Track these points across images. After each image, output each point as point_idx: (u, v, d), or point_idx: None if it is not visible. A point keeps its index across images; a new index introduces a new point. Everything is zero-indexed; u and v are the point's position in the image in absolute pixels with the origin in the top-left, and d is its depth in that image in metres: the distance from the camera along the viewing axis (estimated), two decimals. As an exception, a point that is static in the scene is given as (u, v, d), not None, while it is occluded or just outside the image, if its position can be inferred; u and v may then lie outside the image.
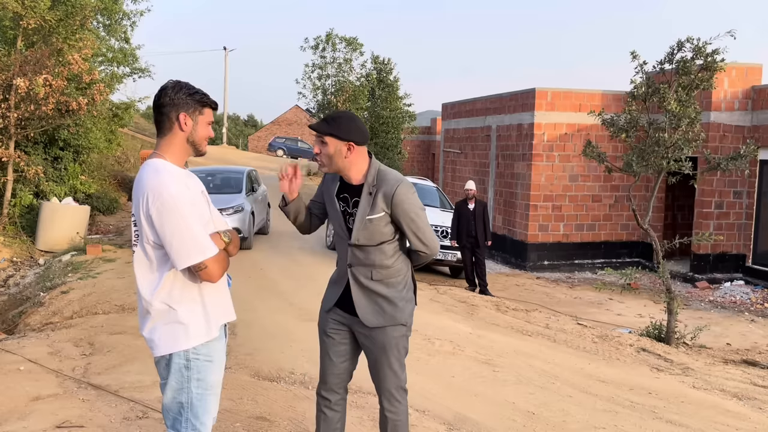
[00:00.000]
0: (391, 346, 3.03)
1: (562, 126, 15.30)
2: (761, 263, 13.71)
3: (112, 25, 17.73)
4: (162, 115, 2.49)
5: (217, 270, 2.45)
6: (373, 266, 3.00)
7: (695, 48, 8.51)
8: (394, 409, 3.11)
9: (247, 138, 52.50)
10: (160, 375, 2.56)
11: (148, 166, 2.46)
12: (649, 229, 8.67)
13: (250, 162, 28.30)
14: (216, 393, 2.58)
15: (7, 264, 11.71)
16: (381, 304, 3.00)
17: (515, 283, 13.59)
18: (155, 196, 2.36)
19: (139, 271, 2.47)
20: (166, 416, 2.56)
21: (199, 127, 2.52)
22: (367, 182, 2.94)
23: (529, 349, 6.74)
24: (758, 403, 5.47)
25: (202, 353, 2.50)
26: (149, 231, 2.40)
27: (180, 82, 2.53)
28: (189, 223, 2.39)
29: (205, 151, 2.59)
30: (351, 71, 24.85)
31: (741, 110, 13.89)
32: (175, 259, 2.39)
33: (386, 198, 2.91)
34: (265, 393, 4.82)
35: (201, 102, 2.52)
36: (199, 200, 2.52)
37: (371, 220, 2.92)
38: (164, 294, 2.45)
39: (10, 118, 12.54)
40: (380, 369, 3.06)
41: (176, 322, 2.45)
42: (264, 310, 7.52)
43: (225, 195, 12.00)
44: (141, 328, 2.53)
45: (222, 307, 2.59)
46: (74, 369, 5.35)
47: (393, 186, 2.91)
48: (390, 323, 3.01)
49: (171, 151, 2.51)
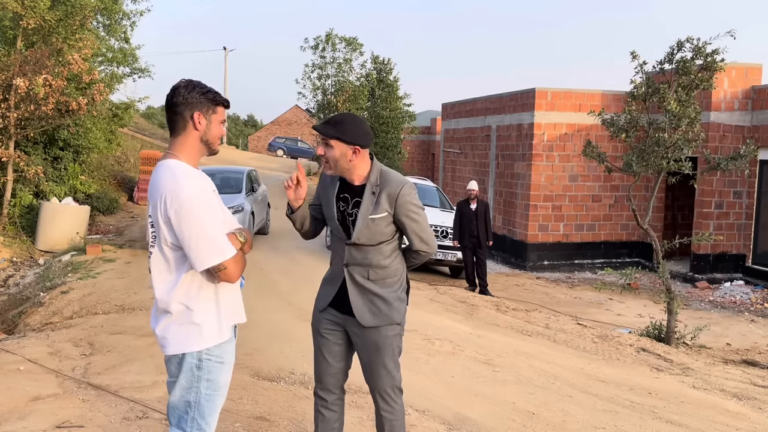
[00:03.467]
0: (385, 346, 3.04)
1: (562, 126, 15.30)
2: (761, 263, 13.71)
3: (112, 25, 17.70)
4: (176, 114, 2.47)
5: (236, 270, 2.45)
6: (370, 266, 3.01)
7: (695, 48, 8.51)
8: (390, 409, 3.10)
9: (247, 138, 52.51)
10: (170, 373, 2.56)
11: (164, 167, 2.44)
12: (649, 229, 8.67)
13: (250, 162, 28.30)
14: (223, 394, 2.58)
15: (7, 264, 11.71)
16: (377, 304, 3.01)
17: (515, 283, 13.59)
18: (173, 198, 2.34)
19: (157, 272, 2.46)
20: (171, 414, 2.55)
21: (212, 126, 2.51)
22: (370, 182, 2.97)
23: (529, 349, 6.74)
24: (758, 403, 5.47)
25: (214, 354, 2.49)
26: (167, 233, 2.39)
27: (192, 81, 2.51)
28: (207, 224, 2.38)
29: (218, 150, 2.58)
30: (351, 71, 24.85)
31: (741, 110, 13.89)
32: (195, 260, 2.38)
33: (390, 198, 2.94)
34: (265, 393, 4.82)
35: (214, 101, 2.50)
36: (214, 200, 2.51)
37: (374, 219, 2.95)
38: (181, 294, 2.44)
39: (10, 118, 12.54)
40: (375, 369, 3.06)
41: (191, 322, 2.45)
42: (263, 310, 7.52)
43: (225, 195, 11.96)
44: (154, 326, 2.53)
45: (234, 308, 2.59)
46: (74, 369, 5.35)
47: (397, 187, 2.95)
48: (385, 323, 3.03)
49: (185, 150, 2.49)
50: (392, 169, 3.10)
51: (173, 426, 2.55)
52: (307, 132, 45.65)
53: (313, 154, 31.42)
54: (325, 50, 24.01)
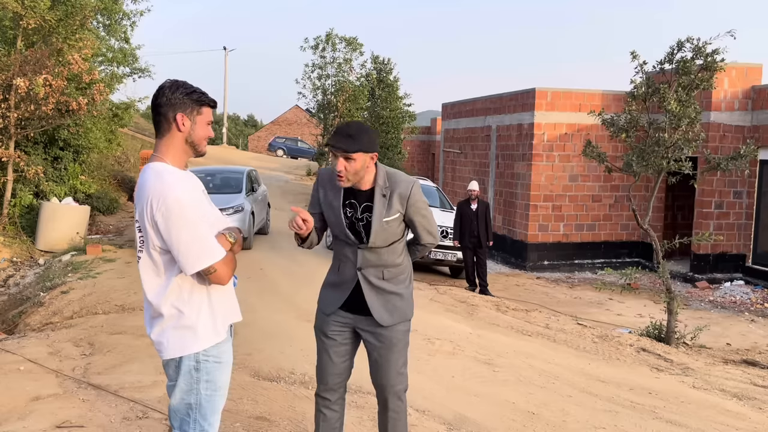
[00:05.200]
0: (399, 342, 3.10)
1: (562, 126, 15.30)
2: (761, 263, 13.71)
3: (112, 25, 17.69)
4: (159, 115, 2.44)
5: (226, 272, 2.43)
6: (384, 266, 3.07)
7: (695, 48, 8.51)
8: (398, 409, 3.14)
9: (247, 138, 52.49)
10: (168, 377, 2.55)
11: (150, 170, 2.42)
12: (649, 229, 8.67)
13: (250, 162, 28.29)
14: (223, 394, 2.58)
15: (7, 264, 11.71)
16: (393, 302, 3.08)
17: (515, 283, 13.59)
18: (159, 202, 2.32)
19: (146, 277, 2.45)
20: (173, 417, 2.55)
21: (197, 127, 2.48)
22: (379, 185, 3.01)
23: (529, 349, 6.74)
24: (758, 403, 5.47)
25: (211, 355, 2.49)
26: (155, 237, 2.37)
27: (177, 81, 2.48)
28: (195, 227, 2.36)
29: (205, 152, 2.55)
30: (351, 71, 24.83)
31: (741, 110, 13.89)
32: (184, 264, 2.36)
33: (402, 199, 3.02)
34: (265, 393, 4.82)
35: (199, 101, 2.46)
36: (202, 201, 2.49)
37: (388, 222, 3.01)
38: (173, 298, 2.43)
39: (10, 118, 12.53)
40: (388, 367, 3.09)
41: (185, 325, 2.44)
42: (264, 310, 7.52)
43: (225, 195, 11.99)
44: (149, 331, 2.52)
45: (229, 307, 2.58)
46: (74, 369, 5.35)
47: (408, 186, 3.03)
48: (401, 319, 3.11)
49: (170, 152, 2.46)
50: (395, 169, 3.14)
51: (176, 429, 2.54)
52: (307, 132, 45.61)
53: (314, 154, 31.37)
54: (325, 50, 23.95)
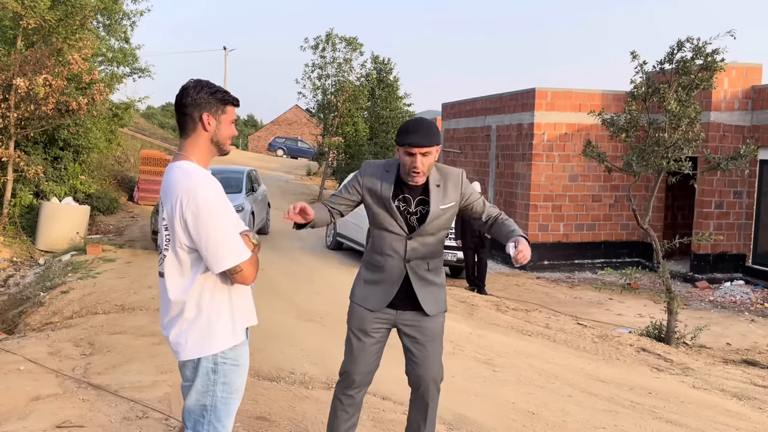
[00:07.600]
0: (440, 332, 3.19)
1: (562, 126, 15.29)
2: (761, 263, 13.71)
3: (112, 25, 17.69)
4: (185, 115, 2.44)
5: (251, 272, 2.42)
6: (430, 257, 3.14)
7: (695, 48, 8.51)
8: (435, 398, 3.22)
9: (247, 138, 52.48)
10: (184, 377, 2.53)
11: (178, 169, 2.41)
12: (649, 229, 8.67)
13: (250, 162, 28.30)
14: (239, 397, 2.56)
15: (7, 264, 11.71)
16: (435, 292, 3.16)
17: (515, 283, 13.59)
18: (189, 200, 2.31)
19: (170, 275, 2.42)
20: (187, 418, 2.53)
21: (222, 126, 2.48)
22: (433, 177, 3.09)
23: (529, 349, 6.74)
24: (758, 403, 5.47)
25: (229, 357, 2.47)
26: (183, 235, 2.36)
27: (201, 80, 2.48)
28: (224, 226, 2.36)
29: (229, 150, 2.55)
30: (351, 71, 24.81)
31: (741, 110, 13.88)
32: (212, 262, 2.35)
33: (456, 187, 3.12)
34: (265, 393, 4.82)
35: (223, 100, 2.46)
36: (227, 201, 2.47)
37: (444, 209, 3.09)
38: (195, 298, 2.41)
39: (10, 118, 12.54)
40: (432, 359, 3.15)
41: (205, 326, 2.42)
42: (264, 310, 7.48)
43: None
44: (166, 332, 2.49)
45: (246, 310, 2.56)
46: (74, 369, 5.35)
47: (458, 175, 3.15)
48: (443, 309, 3.19)
49: (196, 152, 2.46)
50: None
51: (189, 429, 2.53)
52: (307, 132, 45.60)
53: (314, 154, 31.35)
54: (325, 50, 23.93)
